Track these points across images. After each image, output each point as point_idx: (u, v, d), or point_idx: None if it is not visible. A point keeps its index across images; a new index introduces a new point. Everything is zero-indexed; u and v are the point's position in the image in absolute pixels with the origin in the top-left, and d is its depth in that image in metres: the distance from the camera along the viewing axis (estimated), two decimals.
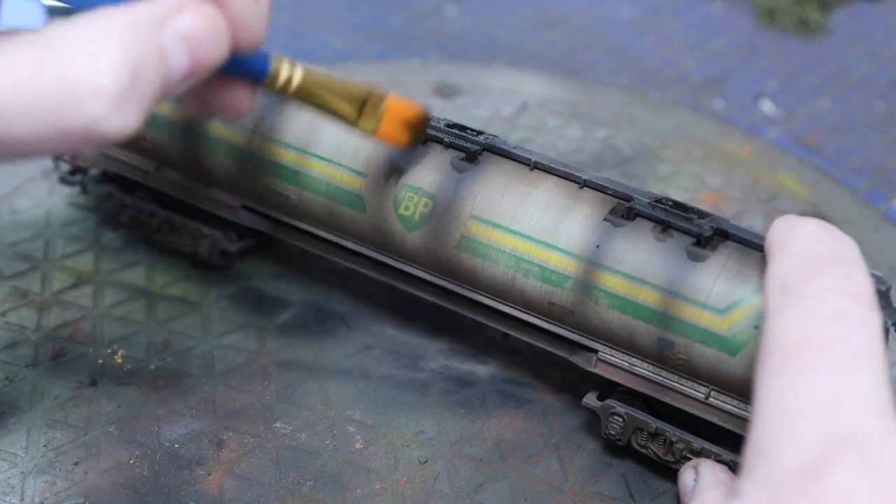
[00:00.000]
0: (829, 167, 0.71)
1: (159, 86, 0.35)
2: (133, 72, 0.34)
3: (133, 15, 0.34)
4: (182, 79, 0.36)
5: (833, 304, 0.38)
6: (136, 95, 0.34)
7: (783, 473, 0.35)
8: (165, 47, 0.35)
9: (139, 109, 0.34)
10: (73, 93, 0.33)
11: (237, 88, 0.40)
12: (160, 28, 0.35)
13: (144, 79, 0.34)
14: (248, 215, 0.54)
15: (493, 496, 0.47)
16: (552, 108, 0.74)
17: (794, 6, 0.87)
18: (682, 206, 0.46)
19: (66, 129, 0.33)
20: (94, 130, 0.33)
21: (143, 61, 0.34)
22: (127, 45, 0.34)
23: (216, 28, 0.36)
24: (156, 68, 0.35)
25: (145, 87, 0.34)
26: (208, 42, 0.36)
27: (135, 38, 0.34)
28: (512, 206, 0.47)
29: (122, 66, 0.33)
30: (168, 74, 0.35)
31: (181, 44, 0.35)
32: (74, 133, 0.33)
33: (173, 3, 0.36)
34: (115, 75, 0.33)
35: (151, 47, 0.34)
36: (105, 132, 0.34)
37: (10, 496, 0.47)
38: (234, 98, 0.41)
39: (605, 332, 0.46)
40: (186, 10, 0.36)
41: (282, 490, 0.47)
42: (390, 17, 0.86)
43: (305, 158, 0.51)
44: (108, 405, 0.51)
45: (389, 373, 0.53)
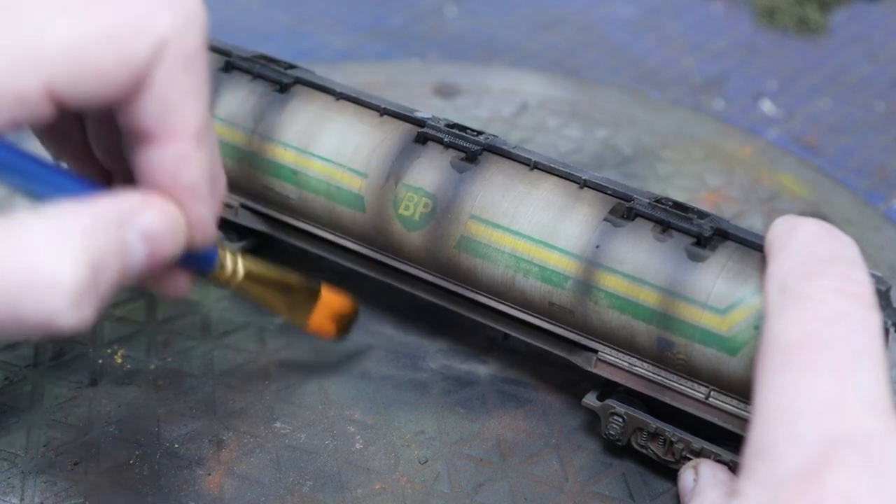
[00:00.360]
0: (829, 167, 0.71)
1: (116, 280, 0.35)
2: (94, 269, 0.34)
3: (97, 212, 0.35)
4: (138, 272, 0.37)
5: (833, 304, 0.38)
6: (95, 291, 0.34)
7: (783, 473, 0.35)
8: (126, 244, 0.36)
9: (96, 304, 0.34)
10: (34, 286, 0.33)
11: (179, 275, 0.41)
12: (122, 226, 0.35)
13: (104, 275, 0.34)
14: (248, 215, 0.54)
15: (493, 496, 0.47)
16: (552, 108, 0.74)
17: (794, 6, 0.87)
18: (682, 206, 0.46)
19: (22, 321, 0.33)
20: (50, 323, 0.33)
21: (105, 258, 0.34)
22: (90, 242, 0.34)
23: (175, 226, 0.38)
24: (115, 265, 0.35)
25: (104, 283, 0.35)
26: (167, 239, 0.37)
27: (98, 236, 0.34)
28: (512, 207, 0.47)
29: (84, 262, 0.33)
30: (126, 269, 0.36)
31: (141, 241, 0.36)
32: (30, 324, 0.33)
33: (137, 201, 0.36)
34: (77, 272, 0.33)
35: (113, 245, 0.35)
36: (60, 326, 0.34)
37: (10, 496, 0.47)
38: (175, 283, 0.41)
39: (605, 333, 0.46)
40: (148, 209, 0.37)
41: (282, 490, 0.47)
42: (390, 17, 0.86)
43: (305, 158, 0.51)
44: (108, 405, 0.51)
45: (389, 373, 0.53)
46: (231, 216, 0.55)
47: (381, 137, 0.50)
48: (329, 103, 0.52)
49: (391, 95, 0.60)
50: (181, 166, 0.38)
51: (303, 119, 0.51)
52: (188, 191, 0.38)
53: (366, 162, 0.50)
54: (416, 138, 0.50)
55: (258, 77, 0.53)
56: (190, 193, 0.38)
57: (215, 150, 0.40)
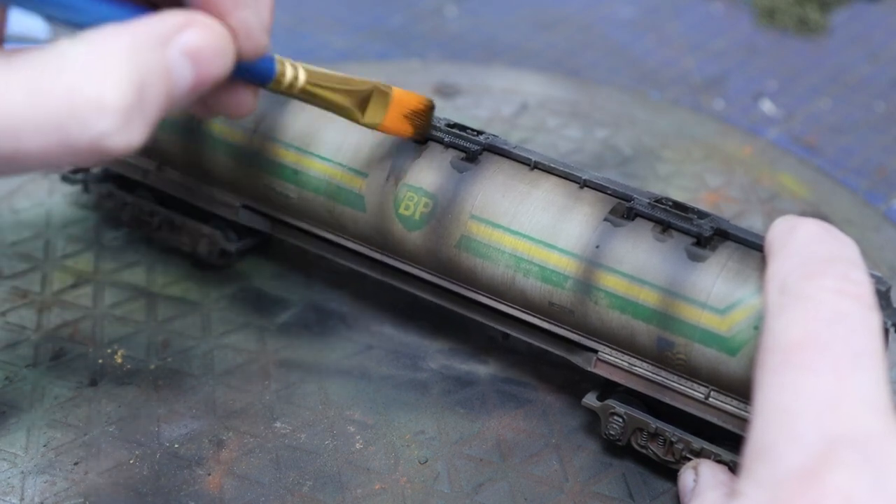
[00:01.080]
0: (829, 167, 0.71)
1: (164, 101, 0.35)
2: (138, 89, 0.34)
3: (138, 32, 0.35)
4: (187, 93, 0.36)
5: (833, 304, 0.38)
6: (142, 112, 0.34)
7: (783, 473, 0.35)
8: (171, 63, 0.35)
9: (144, 125, 0.34)
10: (79, 109, 0.33)
11: (240, 90, 0.41)
12: (165, 44, 0.35)
13: (150, 95, 0.34)
14: (249, 215, 0.54)
15: (493, 496, 0.47)
16: (552, 108, 0.74)
17: (794, 6, 0.87)
18: (682, 206, 0.46)
19: (73, 144, 0.33)
20: (100, 146, 0.34)
21: (149, 78, 0.34)
22: (132, 63, 0.34)
23: (221, 42, 0.37)
24: (161, 84, 0.35)
25: (150, 103, 0.34)
26: (213, 56, 0.36)
27: (140, 55, 0.34)
28: (512, 206, 0.47)
29: (128, 83, 0.34)
30: (173, 89, 0.35)
31: (186, 60, 0.36)
32: (81, 149, 0.34)
33: (179, 20, 0.36)
34: (121, 92, 0.33)
35: (157, 64, 0.35)
36: (111, 148, 0.34)
37: (10, 496, 0.47)
38: (237, 99, 0.41)
39: (605, 332, 0.46)
40: (192, 26, 0.36)
41: (282, 490, 0.47)
42: (390, 17, 0.86)
43: (306, 158, 0.51)
44: (108, 405, 0.51)
45: (389, 373, 0.53)
46: (232, 216, 0.55)
47: (382, 137, 0.50)
48: None
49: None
50: None
51: (303, 119, 0.51)
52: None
53: (366, 162, 0.50)
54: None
55: None
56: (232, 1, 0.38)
57: None
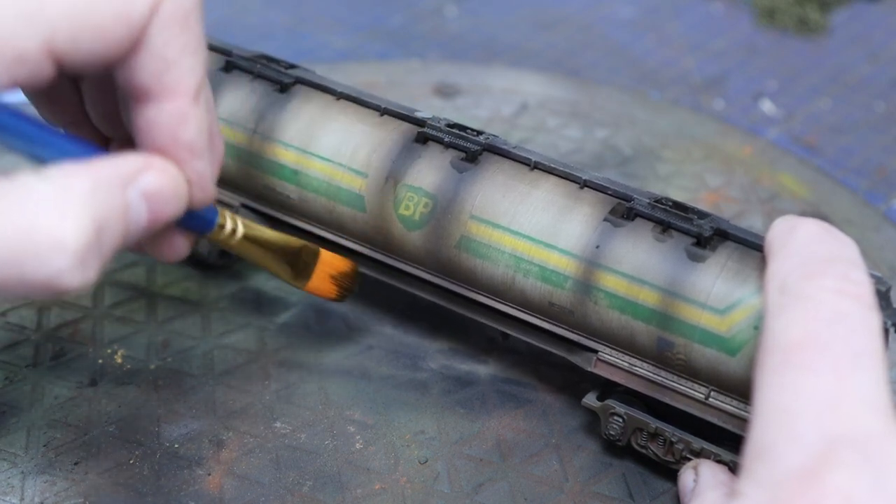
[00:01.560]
0: (829, 167, 0.71)
1: (119, 241, 0.36)
2: (97, 230, 0.34)
3: (100, 172, 0.35)
4: (140, 233, 0.37)
5: (833, 304, 0.38)
6: (98, 251, 0.35)
7: (783, 474, 0.35)
8: (129, 205, 0.36)
9: (99, 264, 0.35)
10: (38, 247, 0.33)
11: (178, 236, 0.42)
12: (125, 186, 0.36)
13: (107, 235, 0.35)
14: (249, 215, 0.54)
15: (493, 496, 0.47)
16: (552, 108, 0.74)
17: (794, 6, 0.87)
18: (682, 207, 0.46)
19: (27, 281, 0.34)
20: (54, 284, 0.34)
21: (107, 219, 0.35)
22: (93, 204, 0.34)
23: (177, 187, 0.38)
24: (118, 225, 0.35)
25: (107, 244, 0.35)
26: (169, 200, 0.37)
27: (101, 196, 0.35)
28: (512, 206, 0.47)
29: (88, 224, 0.34)
30: (128, 230, 0.36)
31: (143, 202, 0.37)
32: (34, 284, 0.34)
33: (139, 162, 0.37)
34: (80, 233, 0.34)
35: (116, 206, 0.35)
36: (65, 286, 0.34)
37: (10, 496, 0.47)
38: (174, 244, 0.42)
39: (605, 333, 0.46)
40: (151, 169, 0.37)
41: (282, 490, 0.47)
42: (390, 17, 0.86)
43: (306, 158, 0.51)
44: (108, 405, 0.51)
45: (389, 373, 0.53)
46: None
47: (382, 137, 0.50)
48: (329, 103, 0.52)
49: (391, 95, 0.60)
50: (180, 123, 0.38)
51: (303, 119, 0.51)
52: (187, 148, 0.38)
53: (366, 162, 0.50)
54: (416, 138, 0.50)
55: (259, 77, 0.53)
56: (189, 151, 0.38)
57: (213, 109, 0.41)
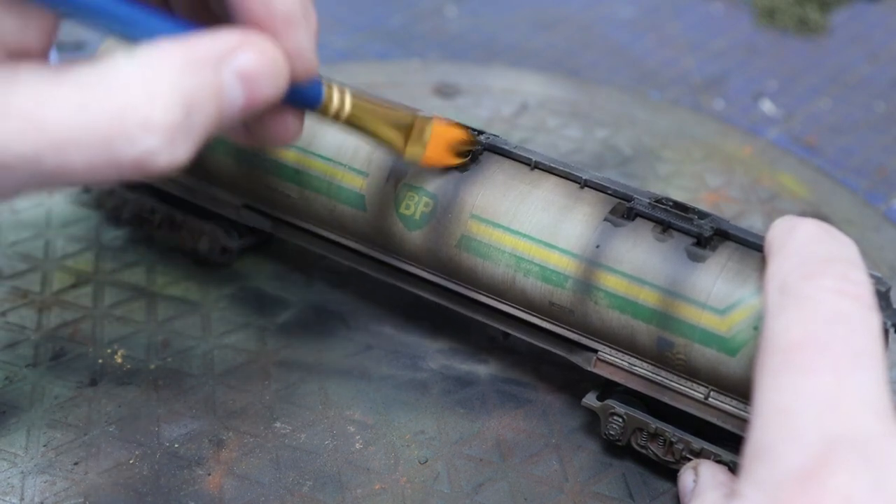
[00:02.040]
0: (829, 167, 0.71)
1: (213, 122, 0.35)
2: (187, 108, 0.33)
3: (191, 51, 0.34)
4: (236, 115, 0.36)
5: (833, 304, 0.38)
6: (189, 131, 0.34)
7: (783, 474, 0.35)
8: (222, 85, 0.35)
9: (191, 145, 0.34)
10: (127, 127, 0.33)
11: (286, 115, 0.40)
12: (218, 65, 0.35)
13: (198, 115, 0.34)
14: (250, 214, 0.54)
15: (493, 496, 0.47)
16: (552, 108, 0.74)
17: (794, 6, 0.87)
18: (683, 207, 0.46)
19: (118, 161, 0.33)
20: (145, 164, 0.33)
21: (199, 98, 0.34)
22: (183, 82, 0.33)
23: (275, 65, 0.36)
24: (211, 105, 0.34)
25: (198, 124, 0.34)
26: (266, 80, 0.36)
27: (192, 74, 0.34)
28: (512, 206, 0.47)
29: (177, 102, 0.33)
30: (223, 111, 0.35)
31: (238, 82, 0.35)
32: (125, 166, 0.33)
33: (234, 40, 0.35)
34: (169, 111, 0.33)
35: (208, 84, 0.34)
36: (156, 166, 0.34)
37: (10, 496, 0.47)
38: (283, 125, 0.40)
39: (605, 332, 0.47)
40: (246, 47, 0.35)
41: (282, 490, 0.47)
42: (390, 17, 0.86)
43: (307, 158, 0.51)
44: (108, 405, 0.51)
45: (389, 373, 0.53)
46: (233, 215, 0.55)
47: None
48: None
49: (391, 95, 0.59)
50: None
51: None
52: (284, 18, 0.37)
53: (367, 161, 0.50)
54: None
55: None
56: (286, 21, 0.37)
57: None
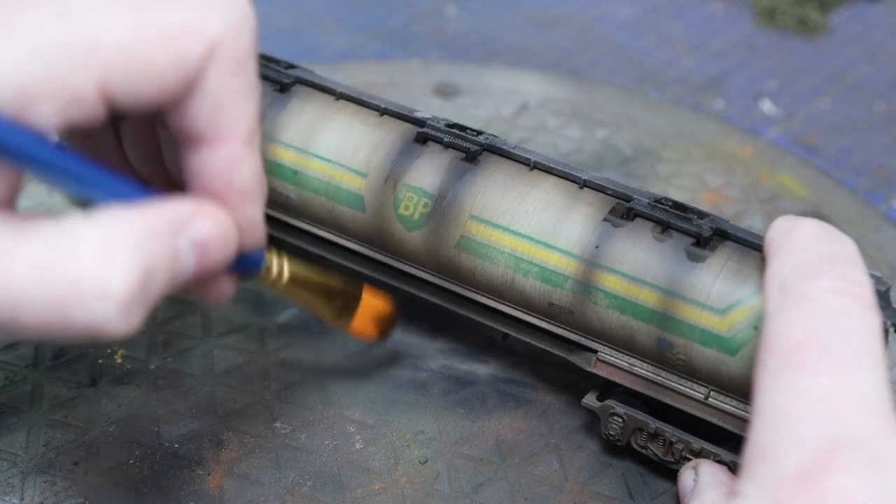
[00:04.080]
0: (829, 167, 0.71)
1: (165, 289, 0.35)
2: (144, 278, 0.34)
3: (151, 219, 0.34)
4: (186, 280, 0.36)
5: (833, 304, 0.38)
6: (143, 300, 0.34)
7: (783, 474, 0.35)
8: (178, 253, 0.35)
9: (143, 312, 0.34)
10: (83, 294, 0.33)
11: (224, 279, 0.40)
12: (176, 234, 0.35)
13: (153, 284, 0.34)
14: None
15: (493, 496, 0.47)
16: (552, 108, 0.74)
17: (794, 6, 0.87)
18: (682, 207, 0.46)
19: (70, 325, 0.33)
20: (97, 331, 0.33)
21: (155, 267, 0.34)
22: (141, 252, 0.34)
23: (227, 234, 0.37)
24: (165, 274, 0.35)
25: (152, 292, 0.34)
26: (218, 248, 0.37)
27: (150, 243, 0.34)
28: (511, 207, 0.47)
29: (135, 272, 0.33)
30: (175, 278, 0.35)
31: (193, 249, 0.36)
32: (77, 330, 0.33)
33: (189, 209, 0.36)
34: (127, 281, 0.33)
35: (165, 254, 0.35)
36: (108, 333, 0.34)
37: (10, 496, 0.47)
38: (220, 288, 0.41)
39: (605, 333, 0.47)
40: (202, 217, 0.36)
41: (282, 490, 0.47)
42: (390, 17, 0.86)
43: (305, 158, 0.51)
44: (108, 405, 0.51)
45: (389, 373, 0.53)
46: None
47: (381, 137, 0.50)
48: (329, 103, 0.52)
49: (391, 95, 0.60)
50: (234, 168, 0.37)
51: (303, 119, 0.51)
52: (240, 193, 0.38)
53: (366, 162, 0.50)
54: (415, 138, 0.50)
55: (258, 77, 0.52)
56: (242, 196, 0.38)
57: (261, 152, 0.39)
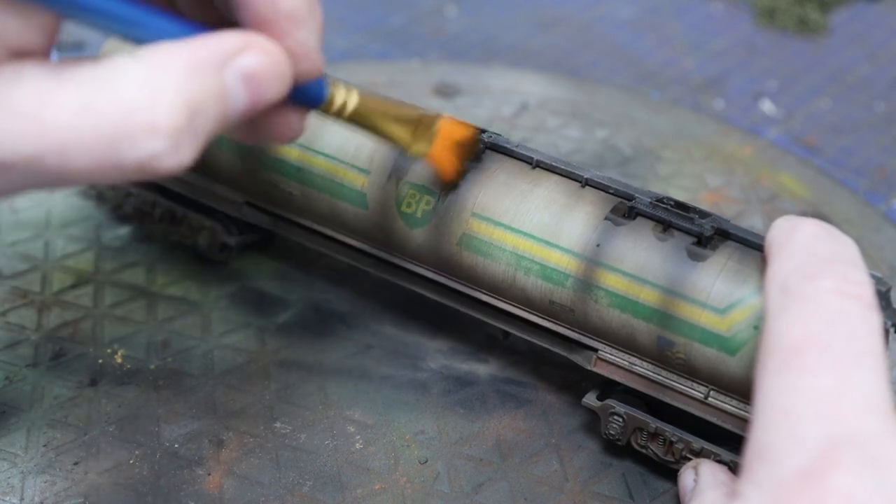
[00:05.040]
0: (829, 167, 0.71)
1: (216, 124, 0.35)
2: (191, 111, 0.33)
3: (195, 53, 0.34)
4: (240, 116, 0.36)
5: (833, 304, 0.38)
6: (193, 134, 0.34)
7: (784, 474, 0.35)
8: (226, 87, 0.35)
9: (194, 147, 0.34)
10: (131, 129, 0.33)
11: (289, 113, 0.39)
12: (222, 67, 0.34)
13: (202, 118, 0.34)
14: (252, 212, 0.54)
15: (493, 496, 0.47)
16: (552, 108, 0.74)
17: (794, 6, 0.87)
18: (684, 206, 0.46)
19: (121, 164, 0.33)
20: (148, 166, 0.33)
21: (203, 101, 0.34)
22: (187, 85, 0.33)
23: (278, 66, 0.36)
24: (215, 108, 0.34)
25: (202, 126, 0.34)
26: (270, 81, 0.36)
27: (196, 77, 0.34)
28: (513, 205, 0.47)
29: (181, 105, 0.33)
30: (226, 113, 0.35)
31: (242, 83, 0.35)
32: (128, 167, 0.33)
33: (237, 41, 0.35)
34: (174, 114, 0.33)
35: (212, 87, 0.34)
36: (159, 168, 0.33)
37: (10, 496, 0.47)
38: (285, 123, 0.40)
39: (605, 331, 0.46)
40: (250, 49, 0.35)
41: (282, 490, 0.47)
42: (390, 17, 0.86)
43: (309, 155, 0.51)
44: (108, 405, 0.51)
45: (389, 373, 0.53)
46: (235, 212, 0.55)
47: None
48: None
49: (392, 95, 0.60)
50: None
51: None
52: (288, 17, 0.37)
53: (369, 159, 0.50)
54: None
55: None
56: (291, 20, 0.37)
57: None
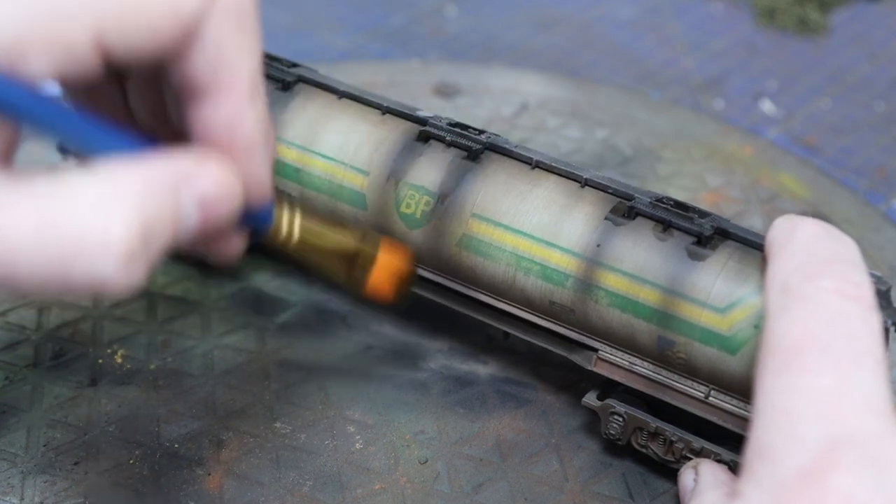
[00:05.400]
0: (829, 167, 0.71)
1: (167, 245, 0.34)
2: (145, 233, 0.33)
3: (152, 172, 0.34)
4: (190, 237, 0.35)
5: (833, 304, 0.38)
6: (145, 257, 0.33)
7: (784, 474, 0.35)
8: (180, 209, 0.34)
9: (145, 267, 0.34)
10: (84, 249, 0.32)
11: (234, 236, 0.40)
12: (178, 189, 0.34)
13: (155, 239, 0.34)
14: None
15: (493, 496, 0.47)
16: (552, 108, 0.74)
17: (794, 6, 0.87)
18: (683, 206, 0.46)
19: (71, 281, 0.33)
20: (99, 286, 0.33)
21: (157, 222, 0.34)
22: (143, 206, 0.33)
23: (231, 189, 0.36)
24: (167, 229, 0.34)
25: (154, 248, 0.34)
26: (223, 203, 0.36)
27: (151, 198, 0.33)
28: (513, 205, 0.47)
29: (136, 226, 0.33)
30: (177, 234, 0.35)
31: (196, 204, 0.35)
32: (79, 285, 0.33)
33: (192, 162, 0.35)
34: (128, 236, 0.33)
35: (167, 208, 0.34)
36: (109, 287, 0.33)
37: (10, 496, 0.47)
38: (227, 244, 0.40)
39: (606, 331, 0.46)
40: (205, 171, 0.35)
41: (282, 490, 0.47)
42: (390, 17, 0.86)
43: (308, 156, 0.51)
44: (108, 405, 0.51)
45: (389, 373, 0.53)
46: None
47: (384, 136, 0.50)
48: (331, 102, 0.52)
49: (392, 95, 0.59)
50: (236, 121, 0.36)
51: (305, 117, 0.51)
52: (244, 146, 0.37)
53: (368, 160, 0.50)
54: (418, 136, 0.50)
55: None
56: (246, 150, 0.37)
57: (265, 103, 0.38)
